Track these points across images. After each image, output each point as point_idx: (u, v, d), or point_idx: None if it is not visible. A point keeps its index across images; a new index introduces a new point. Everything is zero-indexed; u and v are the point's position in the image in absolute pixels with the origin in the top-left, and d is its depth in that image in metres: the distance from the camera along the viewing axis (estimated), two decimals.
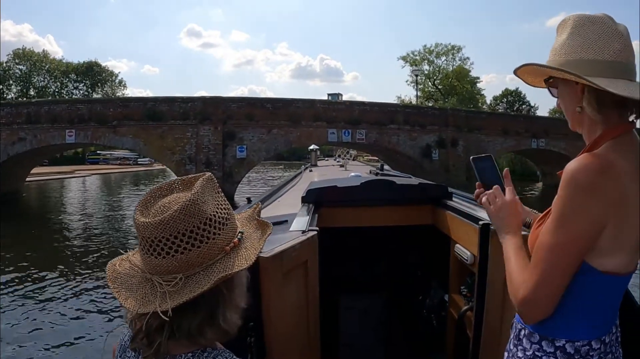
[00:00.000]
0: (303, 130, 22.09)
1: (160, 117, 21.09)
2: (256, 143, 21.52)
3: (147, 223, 0.80)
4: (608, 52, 0.98)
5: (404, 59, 49.25)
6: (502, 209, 1.18)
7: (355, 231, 2.81)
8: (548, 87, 1.10)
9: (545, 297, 0.98)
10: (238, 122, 21.40)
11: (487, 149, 25.08)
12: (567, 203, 0.95)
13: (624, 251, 0.98)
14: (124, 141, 21.63)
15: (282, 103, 22.30)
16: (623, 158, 0.95)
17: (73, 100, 28.95)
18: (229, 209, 0.89)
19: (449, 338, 2.44)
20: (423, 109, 26.51)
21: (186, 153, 21.05)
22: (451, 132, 24.61)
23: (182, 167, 20.90)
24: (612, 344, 1.05)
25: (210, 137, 21.00)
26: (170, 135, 21.11)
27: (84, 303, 7.11)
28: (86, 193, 28.07)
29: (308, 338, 1.87)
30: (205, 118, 21.03)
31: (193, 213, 0.81)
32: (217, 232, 0.83)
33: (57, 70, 54.29)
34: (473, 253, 1.98)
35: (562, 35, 1.04)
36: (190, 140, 21.10)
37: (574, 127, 1.09)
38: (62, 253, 10.86)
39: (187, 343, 0.82)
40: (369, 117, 23.17)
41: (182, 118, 21.16)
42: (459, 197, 2.71)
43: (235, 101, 21.85)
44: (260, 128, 21.57)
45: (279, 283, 1.56)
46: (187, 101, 21.57)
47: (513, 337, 1.11)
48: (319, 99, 23.94)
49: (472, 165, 1.26)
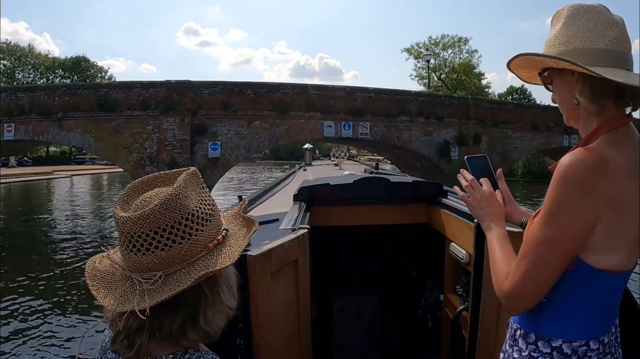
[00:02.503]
0: (292, 122, 17.78)
1: (114, 106, 16.94)
2: (233, 138, 17.23)
3: (127, 218, 0.78)
4: (604, 40, 0.96)
5: (408, 51, 46.52)
6: (481, 200, 1.20)
7: (348, 230, 2.81)
8: (543, 81, 1.09)
9: (531, 290, 0.98)
10: (211, 113, 17.13)
11: (514, 148, 21.93)
12: (558, 199, 0.94)
13: (621, 249, 0.96)
14: (71, 137, 17.47)
15: (267, 88, 17.93)
16: (619, 153, 0.94)
17: (12, 87, 24.53)
18: (214, 205, 0.87)
19: (444, 339, 2.43)
20: (440, 98, 21.98)
21: (146, 151, 16.89)
22: (473, 125, 20.78)
23: (141, 168, 16.78)
24: (611, 344, 1.03)
25: (176, 131, 16.81)
26: (126, 129, 16.99)
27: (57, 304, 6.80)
28: (60, 195, 25.00)
29: (299, 339, 1.81)
30: (169, 108, 16.84)
31: (174, 208, 0.79)
32: (199, 228, 0.81)
33: (43, 65, 51.48)
34: (468, 251, 1.96)
35: (557, 25, 1.02)
36: (151, 136, 16.97)
37: (569, 121, 1.07)
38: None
39: (168, 344, 0.80)
40: (374, 107, 18.85)
41: (142, 107, 17.01)
42: (454, 195, 2.56)
43: (208, 86, 17.47)
44: (239, 120, 17.28)
45: (267, 283, 1.50)
46: (147, 86, 17.39)
47: (509, 337, 1.10)
48: (312, 84, 19.39)
49: (467, 165, 1.27)
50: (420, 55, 44.66)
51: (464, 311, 2.01)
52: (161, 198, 0.78)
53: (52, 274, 8.56)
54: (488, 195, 1.19)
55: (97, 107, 17.00)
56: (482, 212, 1.19)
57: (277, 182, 5.10)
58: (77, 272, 8.53)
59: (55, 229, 13.87)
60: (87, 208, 18.50)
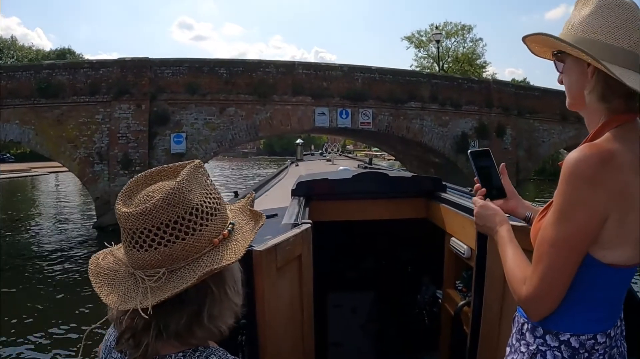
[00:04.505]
0: (277, 108, 14.36)
1: (57, 91, 13.62)
2: (202, 129, 13.85)
3: (129, 214, 0.77)
4: (628, 41, 0.96)
5: (408, 39, 43.57)
6: (486, 207, 1.22)
7: (345, 225, 2.74)
8: (554, 60, 1.07)
9: (551, 293, 0.97)
10: (174, 97, 13.76)
11: (541, 142, 18.99)
12: (568, 196, 0.94)
13: (628, 243, 0.96)
14: (8, 129, 14.04)
15: (244, 66, 14.42)
16: (626, 149, 0.94)
17: None
18: (219, 199, 0.85)
19: (443, 335, 2.42)
20: (457, 80, 18.29)
21: (94, 146, 13.58)
22: (496, 115, 17.52)
23: (89, 167, 13.56)
24: (617, 338, 1.05)
25: (131, 121, 13.48)
26: (71, 119, 13.66)
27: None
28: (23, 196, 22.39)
29: (302, 335, 1.80)
30: (123, 92, 13.51)
31: (177, 203, 0.77)
32: (204, 223, 0.79)
33: (26, 58, 48.66)
34: (470, 246, 1.96)
35: (583, 10, 1.01)
36: (101, 126, 13.65)
37: (572, 106, 1.07)
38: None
39: (176, 343, 0.78)
40: (378, 90, 15.46)
41: (90, 92, 13.68)
42: (453, 191, 2.67)
43: (170, 64, 13.99)
44: (209, 106, 13.90)
45: (273, 278, 1.50)
46: (97, 66, 14.05)
47: (515, 331, 1.10)
48: (300, 61, 15.84)
49: (470, 159, 1.28)
50: (422, 44, 42.52)
51: (465, 307, 2.00)
52: (164, 192, 0.77)
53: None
54: (488, 204, 1.22)
55: (38, 93, 13.67)
56: (488, 215, 1.20)
57: (270, 177, 5.04)
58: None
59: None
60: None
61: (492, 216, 1.18)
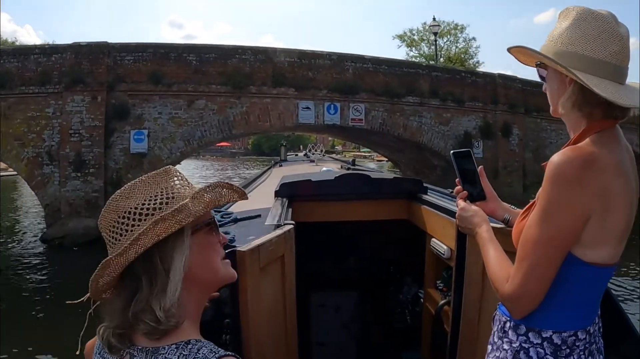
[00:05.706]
0: (254, 102, 12.53)
1: (4, 81, 11.78)
2: (166, 125, 12.01)
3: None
4: (604, 52, 1.01)
5: (400, 38, 42.26)
6: (466, 209, 1.27)
7: (328, 226, 2.79)
8: (538, 71, 1.13)
9: (533, 291, 1.01)
10: (135, 88, 11.93)
11: (549, 143, 17.36)
12: (551, 197, 0.98)
13: (608, 243, 1.01)
14: None
15: (216, 53, 12.58)
16: (607, 152, 0.99)
17: None
18: (171, 197, 0.89)
19: (425, 333, 2.47)
20: (460, 73, 16.55)
21: (44, 144, 11.76)
22: (502, 112, 15.96)
23: (38, 169, 11.74)
24: (595, 334, 1.08)
25: (85, 115, 11.65)
26: (19, 113, 11.84)
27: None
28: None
29: (285, 335, 1.84)
30: (77, 81, 11.69)
31: (112, 209, 0.88)
32: (135, 224, 0.86)
33: None
34: (450, 247, 2.01)
35: (563, 23, 1.06)
36: (52, 121, 11.83)
37: (556, 113, 1.11)
38: None
39: (145, 331, 0.83)
40: (371, 82, 13.67)
41: (41, 82, 11.86)
42: (434, 192, 2.73)
43: (132, 49, 12.19)
44: (175, 99, 12.07)
45: (256, 278, 1.52)
46: (49, 52, 12.22)
47: (497, 330, 1.13)
48: (282, 48, 13.99)
49: (453, 160, 1.32)
50: (414, 43, 41.29)
51: (446, 306, 2.06)
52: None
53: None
54: (469, 206, 1.28)
55: None
56: (469, 216, 1.25)
57: (253, 178, 5.11)
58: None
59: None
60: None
61: (473, 217, 1.24)
